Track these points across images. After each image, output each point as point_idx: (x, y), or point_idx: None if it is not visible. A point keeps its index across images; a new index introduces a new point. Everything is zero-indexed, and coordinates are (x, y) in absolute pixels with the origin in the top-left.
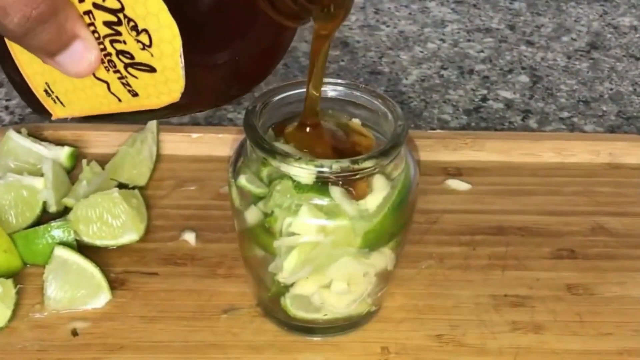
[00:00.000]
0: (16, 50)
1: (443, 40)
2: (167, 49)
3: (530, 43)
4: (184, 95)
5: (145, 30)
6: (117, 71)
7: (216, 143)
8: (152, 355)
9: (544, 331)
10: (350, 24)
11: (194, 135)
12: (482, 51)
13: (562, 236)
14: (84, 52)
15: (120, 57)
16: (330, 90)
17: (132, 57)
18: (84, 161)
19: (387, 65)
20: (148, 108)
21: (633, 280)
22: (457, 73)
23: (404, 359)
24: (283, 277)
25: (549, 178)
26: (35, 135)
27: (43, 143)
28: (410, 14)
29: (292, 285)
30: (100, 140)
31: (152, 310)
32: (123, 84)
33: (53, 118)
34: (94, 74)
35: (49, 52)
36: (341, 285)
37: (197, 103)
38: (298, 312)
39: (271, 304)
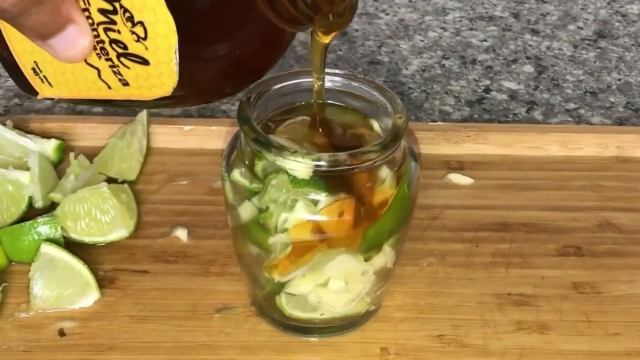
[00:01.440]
0: (6, 26)
1: (445, 29)
2: (162, 44)
3: (535, 32)
4: (178, 87)
5: (141, 23)
6: (109, 59)
7: (209, 136)
8: (142, 356)
9: (549, 331)
10: None
11: (186, 128)
12: (485, 40)
13: (568, 232)
14: (77, 38)
15: (114, 46)
16: (328, 80)
17: (125, 48)
18: (72, 154)
19: (387, 55)
20: (138, 99)
21: None
22: (459, 63)
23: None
24: (278, 275)
25: (554, 172)
26: (21, 128)
27: (29, 136)
28: (410, 1)
29: (287, 283)
30: (89, 133)
31: (143, 310)
32: (114, 72)
33: (39, 97)
34: (85, 60)
35: (41, 35)
36: (339, 283)
37: (191, 96)
38: (294, 311)
39: (266, 303)
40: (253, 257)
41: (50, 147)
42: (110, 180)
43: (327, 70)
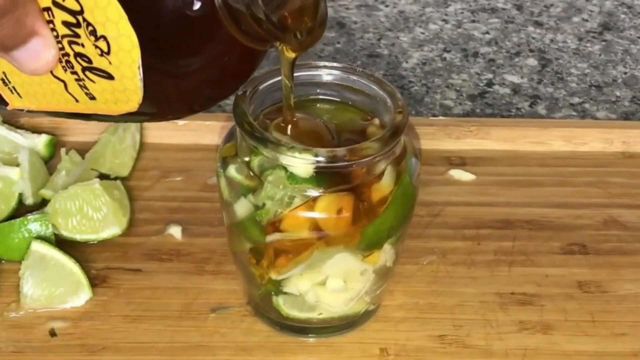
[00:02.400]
0: None
1: (446, 21)
2: (125, 59)
3: (538, 24)
4: (145, 103)
5: (104, 37)
6: (75, 72)
7: (204, 131)
8: (135, 357)
9: (553, 331)
10: (347, 3)
11: (180, 123)
12: (488, 32)
13: (572, 230)
14: (41, 50)
15: (79, 59)
16: (326, 74)
17: (90, 62)
18: (63, 150)
19: (386, 48)
20: (106, 113)
21: None
22: (460, 56)
23: None
24: (275, 274)
25: (558, 168)
26: (11, 123)
27: (19, 131)
28: None
29: (284, 282)
30: (80, 128)
31: (136, 309)
32: (80, 86)
33: (9, 108)
34: (51, 72)
35: (4, 47)
36: (337, 282)
37: (168, 111)
38: (291, 311)
39: (262, 303)
40: (249, 255)
41: (40, 142)
42: (103, 177)
43: (325, 63)
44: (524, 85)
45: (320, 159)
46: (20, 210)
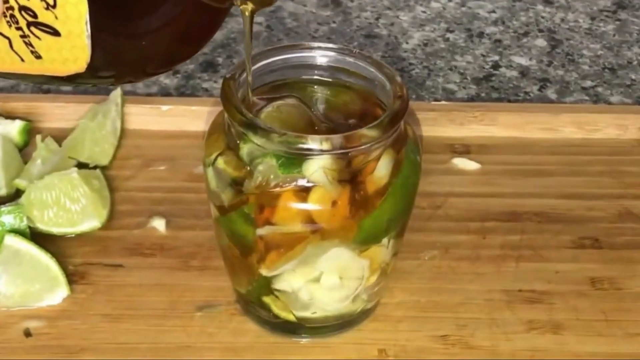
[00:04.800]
0: None
1: None
2: (72, 13)
3: (548, 2)
4: (94, 63)
5: None
6: (20, 28)
7: (189, 116)
8: (116, 359)
9: (563, 331)
10: None
11: (164, 108)
12: (494, 11)
13: (584, 223)
14: None
15: (23, 13)
16: (320, 56)
17: (35, 16)
18: (38, 137)
19: (385, 28)
20: (54, 74)
21: None
22: (464, 36)
23: None
24: (266, 270)
25: (569, 156)
26: None
27: None
28: None
29: (276, 278)
30: (57, 113)
31: (117, 308)
32: (25, 43)
33: None
34: None
35: None
36: (332, 278)
37: (120, 73)
38: (283, 309)
39: (252, 301)
40: (237, 250)
41: (14, 128)
42: (81, 166)
43: (319, 44)
44: (533, 68)
45: (313, 146)
46: None
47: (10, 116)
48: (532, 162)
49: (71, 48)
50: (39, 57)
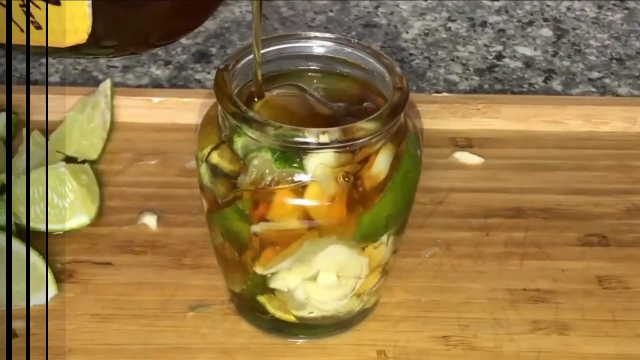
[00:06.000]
0: None
1: None
2: None
3: None
4: (101, 34)
5: None
6: None
7: (181, 109)
8: None
9: (570, 332)
10: None
11: (155, 100)
12: (497, 0)
13: (591, 219)
14: None
15: None
16: (317, 46)
17: None
18: (24, 130)
19: (384, 17)
20: (55, 45)
21: None
22: (467, 26)
23: None
24: (261, 268)
25: (576, 150)
26: None
27: None
28: None
29: (271, 277)
30: (44, 105)
31: (106, 307)
32: (25, 12)
33: None
34: None
35: None
36: (330, 277)
37: (122, 45)
38: (278, 309)
39: (246, 300)
40: (231, 247)
41: None
42: (69, 160)
43: (316, 33)
44: (538, 59)
45: (310, 140)
46: None
47: None
48: (536, 156)
49: (71, 18)
50: (38, 27)
